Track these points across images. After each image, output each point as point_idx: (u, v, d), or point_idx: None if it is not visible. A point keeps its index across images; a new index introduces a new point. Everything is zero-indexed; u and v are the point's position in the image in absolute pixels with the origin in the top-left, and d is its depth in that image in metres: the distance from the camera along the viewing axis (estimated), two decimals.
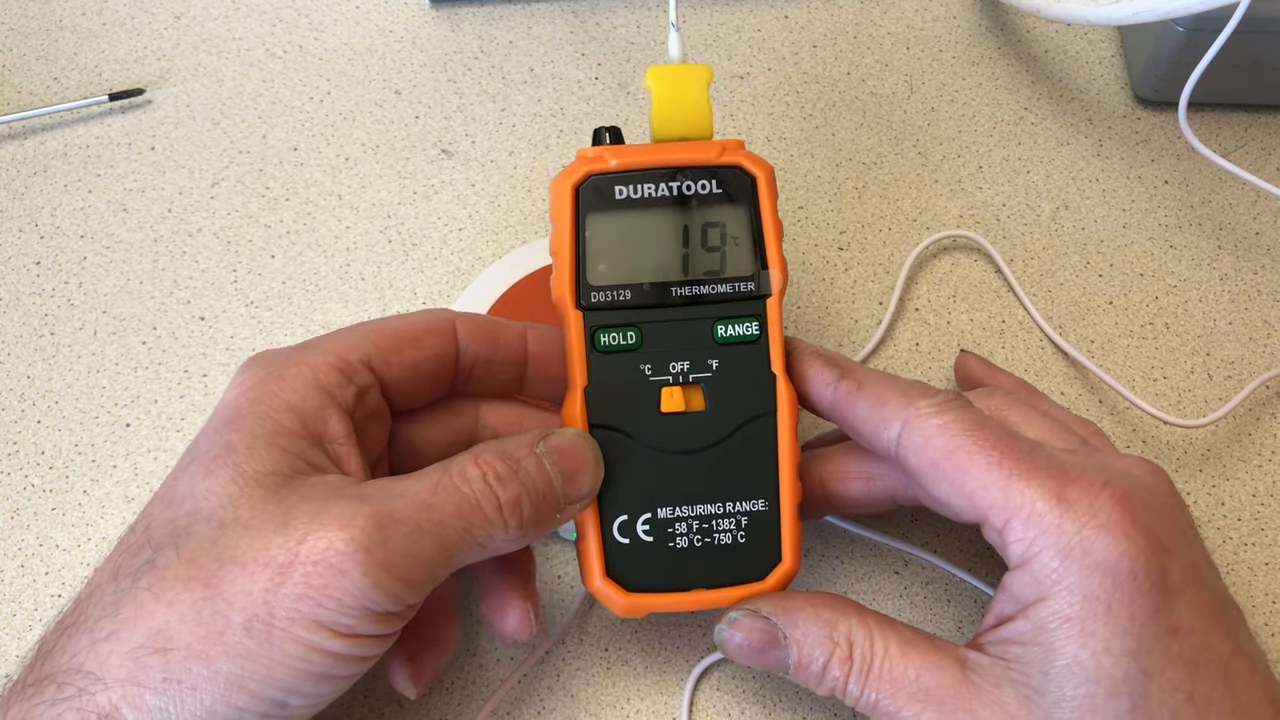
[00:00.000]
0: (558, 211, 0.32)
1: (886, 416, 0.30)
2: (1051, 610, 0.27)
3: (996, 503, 0.28)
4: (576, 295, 0.31)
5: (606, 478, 0.31)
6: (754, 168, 0.32)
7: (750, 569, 0.32)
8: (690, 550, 0.31)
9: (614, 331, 0.32)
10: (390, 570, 0.26)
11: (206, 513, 0.27)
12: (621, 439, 0.31)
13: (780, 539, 0.32)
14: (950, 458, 0.29)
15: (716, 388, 0.32)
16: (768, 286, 0.32)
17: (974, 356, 0.39)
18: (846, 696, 0.30)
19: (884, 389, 0.31)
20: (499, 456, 0.29)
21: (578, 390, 0.31)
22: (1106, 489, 0.28)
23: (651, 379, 0.32)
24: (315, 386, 0.29)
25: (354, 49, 0.49)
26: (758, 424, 0.32)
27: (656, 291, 0.32)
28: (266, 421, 0.28)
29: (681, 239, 0.32)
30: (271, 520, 0.26)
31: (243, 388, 0.29)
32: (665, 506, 0.31)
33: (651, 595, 0.31)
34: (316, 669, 0.26)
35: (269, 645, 0.25)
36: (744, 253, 0.32)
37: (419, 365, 0.31)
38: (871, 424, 0.31)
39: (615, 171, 0.32)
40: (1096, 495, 0.28)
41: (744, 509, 0.32)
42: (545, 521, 0.29)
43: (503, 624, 0.32)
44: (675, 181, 0.32)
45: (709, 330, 0.32)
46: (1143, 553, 0.27)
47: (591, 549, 0.31)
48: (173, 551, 0.26)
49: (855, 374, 0.32)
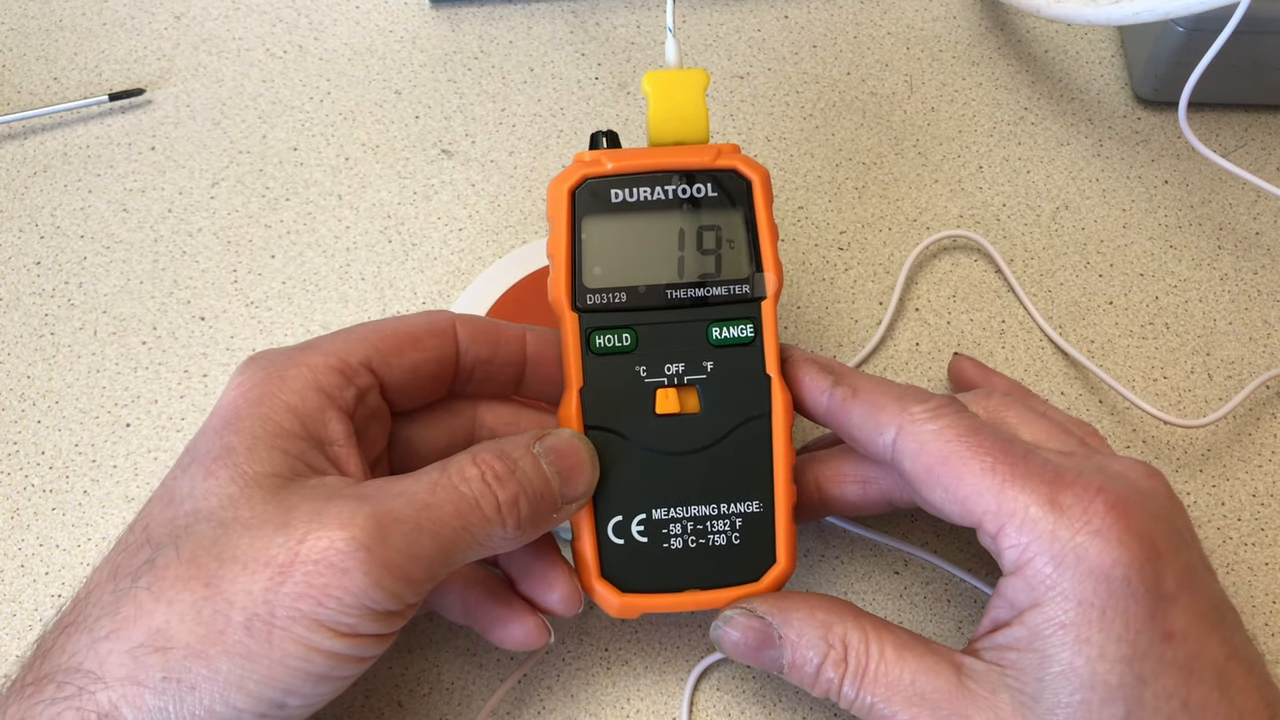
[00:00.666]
0: (554, 214, 0.32)
1: (881, 422, 0.30)
2: (1046, 616, 0.27)
3: (990, 508, 0.28)
4: (573, 297, 0.32)
5: (602, 479, 0.31)
6: (749, 171, 0.32)
7: (745, 570, 0.32)
8: (685, 551, 0.31)
9: (609, 333, 0.32)
10: (390, 569, 0.26)
11: (207, 513, 0.27)
12: (617, 440, 0.31)
13: (775, 540, 0.32)
14: (944, 463, 0.29)
15: (711, 390, 0.32)
16: (763, 289, 0.32)
17: (968, 359, 0.39)
18: (841, 699, 0.30)
19: (879, 394, 0.31)
20: (497, 456, 0.29)
21: (574, 391, 0.31)
22: (1101, 494, 0.28)
23: (647, 381, 0.32)
24: (315, 388, 0.29)
25: (354, 49, 0.49)
26: (752, 426, 0.32)
27: (652, 294, 0.32)
28: (267, 423, 0.28)
29: (677, 242, 0.32)
30: (272, 520, 0.26)
31: (242, 388, 0.29)
32: (660, 507, 0.32)
33: (646, 596, 0.31)
34: (316, 669, 0.26)
35: (269, 645, 0.25)
36: (740, 256, 0.32)
37: (419, 367, 0.31)
38: (867, 430, 0.31)
39: (611, 175, 0.32)
40: (1091, 501, 0.28)
41: (738, 510, 0.32)
42: (542, 521, 0.29)
43: (549, 599, 0.32)
44: (671, 185, 0.32)
45: (704, 332, 0.32)
46: (1136, 559, 0.27)
47: (586, 549, 0.31)
48: (173, 551, 0.26)
49: (850, 380, 0.32)
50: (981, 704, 0.28)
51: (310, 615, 0.25)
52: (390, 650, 0.35)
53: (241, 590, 0.26)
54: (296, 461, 0.28)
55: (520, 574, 0.33)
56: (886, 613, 0.37)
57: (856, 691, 0.29)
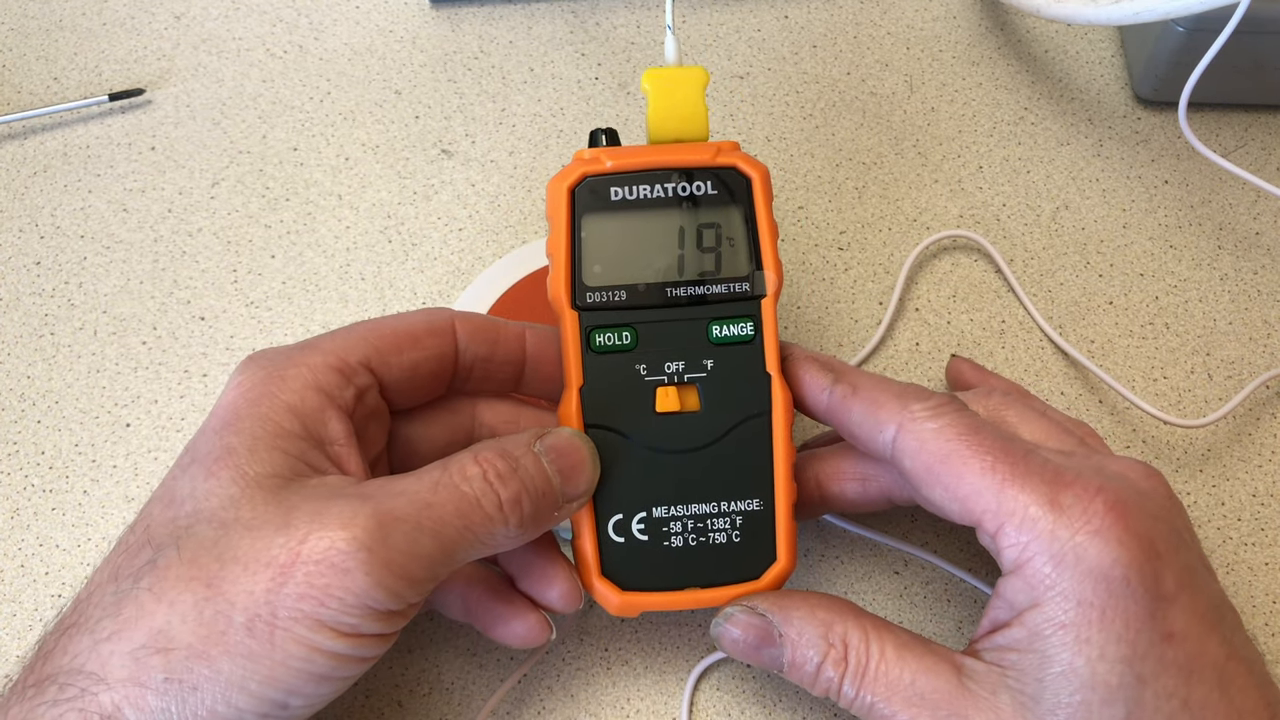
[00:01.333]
0: (554, 212, 0.32)
1: (881, 420, 0.30)
2: (1045, 616, 0.27)
3: (990, 508, 0.28)
4: (572, 296, 0.32)
5: (602, 477, 0.31)
6: (749, 169, 0.32)
7: (745, 568, 0.32)
8: (685, 549, 0.32)
9: (609, 332, 0.32)
10: (392, 568, 0.26)
11: (208, 514, 0.27)
12: (617, 439, 0.32)
13: (775, 538, 0.32)
14: (944, 462, 0.29)
15: (711, 388, 0.32)
16: (763, 287, 0.32)
17: (965, 361, 0.39)
18: (841, 698, 0.30)
19: (879, 393, 0.31)
20: (498, 454, 0.29)
21: (574, 390, 0.31)
22: (1101, 494, 0.28)
23: (647, 379, 0.32)
24: (315, 388, 0.29)
25: (354, 49, 0.49)
26: (752, 424, 0.32)
27: (652, 292, 0.32)
28: (266, 423, 0.28)
29: (677, 240, 0.32)
30: (273, 521, 0.26)
31: (242, 388, 0.29)
32: (660, 506, 0.32)
33: (646, 594, 0.31)
34: (318, 669, 0.26)
35: (271, 645, 0.25)
36: (739, 254, 0.32)
37: (418, 365, 0.31)
38: (867, 428, 0.31)
39: (611, 173, 0.32)
40: (1090, 500, 0.28)
41: (739, 508, 0.32)
42: (544, 519, 0.29)
43: (549, 596, 0.32)
44: (671, 183, 0.32)
45: (704, 331, 0.32)
46: (1136, 559, 0.27)
47: (587, 547, 0.31)
48: (174, 552, 0.26)
49: (850, 377, 0.32)
50: (982, 705, 0.28)
51: (312, 615, 0.25)
52: (390, 650, 0.36)
53: (243, 591, 0.26)
54: (297, 461, 0.28)
55: (520, 572, 0.33)
56: (886, 613, 0.37)
57: (856, 691, 0.29)
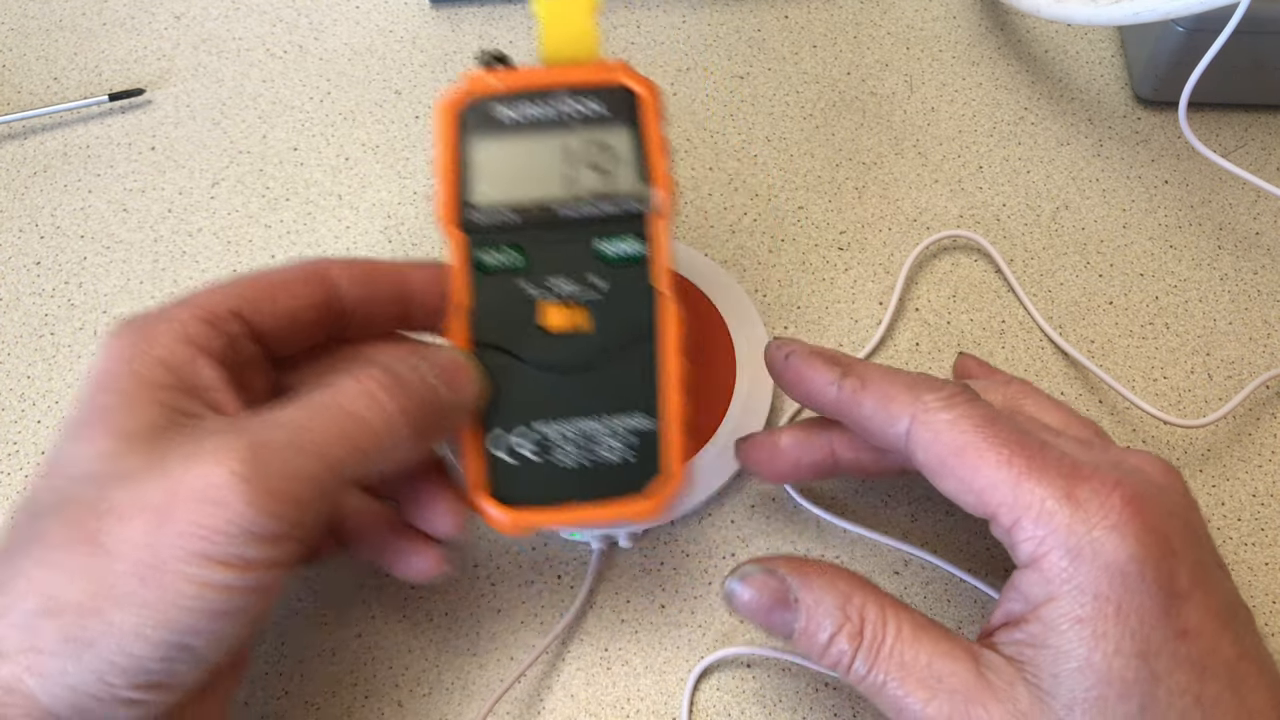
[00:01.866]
0: (439, 133, 0.32)
1: (894, 413, 0.30)
2: (1061, 611, 0.27)
3: (1006, 501, 0.28)
4: (458, 216, 0.31)
5: (492, 397, 0.31)
6: (637, 86, 0.32)
7: (631, 484, 0.31)
8: (577, 469, 0.31)
9: (496, 252, 0.31)
10: (273, 493, 0.26)
11: (87, 475, 0.27)
12: (506, 358, 0.31)
13: (662, 454, 0.31)
14: (959, 454, 0.29)
15: (600, 306, 0.31)
16: (651, 204, 0.32)
17: (973, 359, 0.39)
18: (851, 674, 0.29)
19: (889, 385, 0.31)
20: (380, 369, 0.29)
21: (461, 311, 0.31)
22: (1118, 489, 0.27)
23: (535, 298, 0.31)
24: (183, 340, 0.29)
25: (354, 49, 0.49)
26: (643, 342, 0.31)
27: (539, 211, 0.32)
28: (138, 379, 0.28)
29: (565, 159, 0.32)
30: (149, 467, 0.26)
31: (112, 350, 0.29)
32: (549, 423, 0.31)
33: (536, 510, 0.31)
34: (212, 605, 0.26)
35: (161, 589, 0.25)
36: (628, 171, 0.32)
37: (296, 313, 0.31)
38: (879, 421, 0.31)
39: (497, 93, 0.32)
40: (1108, 495, 0.27)
41: (628, 425, 0.31)
42: (432, 426, 0.29)
43: (435, 523, 0.32)
44: (557, 103, 0.32)
45: (593, 249, 0.32)
46: (1152, 554, 0.27)
47: (473, 467, 0.31)
48: (54, 518, 0.26)
49: (858, 370, 0.32)
50: (1001, 695, 0.27)
51: (196, 552, 0.25)
52: (390, 650, 0.36)
53: (124, 540, 0.25)
54: (173, 411, 0.28)
55: (407, 500, 0.33)
56: None
57: (869, 668, 0.29)
